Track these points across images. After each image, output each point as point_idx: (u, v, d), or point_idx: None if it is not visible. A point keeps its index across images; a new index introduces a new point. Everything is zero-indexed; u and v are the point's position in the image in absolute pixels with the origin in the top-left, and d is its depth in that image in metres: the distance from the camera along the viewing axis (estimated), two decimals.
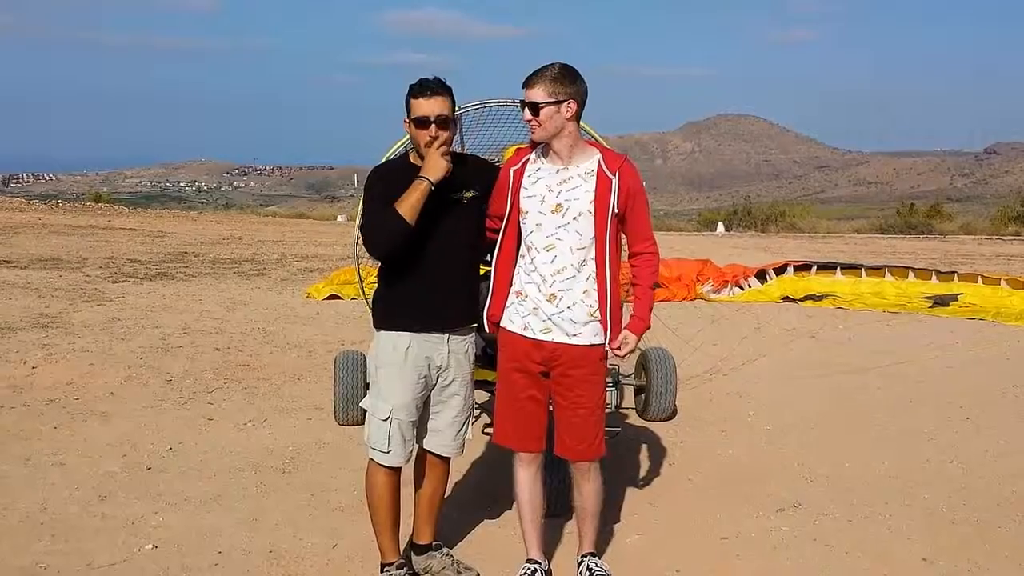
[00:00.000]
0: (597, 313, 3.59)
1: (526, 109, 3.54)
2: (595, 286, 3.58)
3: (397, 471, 3.75)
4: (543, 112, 3.51)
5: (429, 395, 3.76)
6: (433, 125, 3.56)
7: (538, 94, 3.51)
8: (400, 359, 3.67)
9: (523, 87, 3.55)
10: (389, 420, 3.66)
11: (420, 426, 3.78)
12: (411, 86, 3.61)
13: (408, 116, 3.63)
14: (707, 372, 7.86)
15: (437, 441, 3.84)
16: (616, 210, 3.56)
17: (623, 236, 3.71)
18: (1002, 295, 11.10)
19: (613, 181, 3.56)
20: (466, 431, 3.90)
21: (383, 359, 3.71)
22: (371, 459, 3.74)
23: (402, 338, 3.67)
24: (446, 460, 3.93)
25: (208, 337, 8.67)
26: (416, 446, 3.82)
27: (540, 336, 3.61)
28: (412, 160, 3.69)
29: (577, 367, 3.62)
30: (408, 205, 3.48)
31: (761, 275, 12.39)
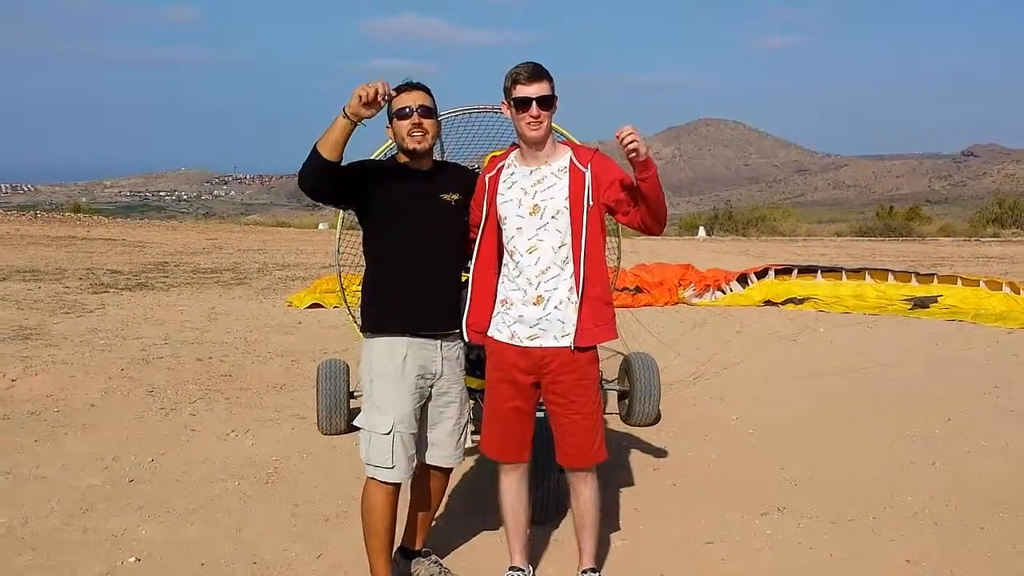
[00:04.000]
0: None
1: (533, 105, 3.45)
2: (574, 283, 3.53)
3: (398, 488, 3.63)
4: (551, 106, 3.50)
5: (424, 407, 3.68)
6: (415, 113, 3.54)
7: (547, 88, 3.49)
8: (398, 369, 3.58)
9: (524, 83, 3.46)
10: (391, 434, 3.54)
11: (419, 440, 3.68)
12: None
13: (390, 115, 3.61)
14: (690, 376, 7.88)
15: (439, 454, 3.77)
16: (591, 202, 3.51)
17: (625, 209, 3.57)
18: (981, 296, 11.20)
19: (586, 174, 3.53)
20: (465, 439, 3.83)
21: (379, 370, 3.60)
22: (371, 478, 3.59)
23: (398, 347, 3.59)
24: (447, 471, 3.88)
25: (189, 347, 8.62)
26: (416, 460, 3.68)
27: (527, 343, 3.57)
28: (399, 159, 3.69)
29: (568, 372, 3.57)
30: (325, 140, 3.38)
31: (742, 279, 12.45)
